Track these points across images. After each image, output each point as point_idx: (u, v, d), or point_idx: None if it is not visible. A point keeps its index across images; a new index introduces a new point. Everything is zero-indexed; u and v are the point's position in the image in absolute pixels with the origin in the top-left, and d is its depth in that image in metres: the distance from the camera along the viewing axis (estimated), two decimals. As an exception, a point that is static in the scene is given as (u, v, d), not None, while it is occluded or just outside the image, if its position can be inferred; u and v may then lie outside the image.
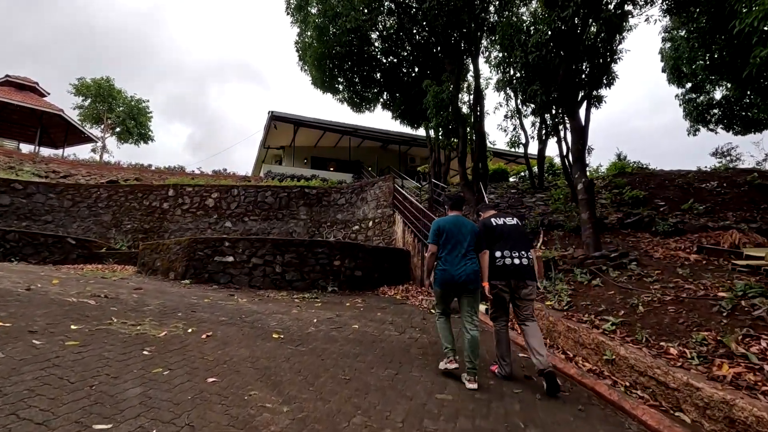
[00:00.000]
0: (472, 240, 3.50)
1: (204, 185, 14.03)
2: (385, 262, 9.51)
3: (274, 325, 4.84)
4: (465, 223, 3.61)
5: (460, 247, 3.44)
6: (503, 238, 3.65)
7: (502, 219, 3.81)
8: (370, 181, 13.49)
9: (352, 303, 7.02)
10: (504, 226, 3.72)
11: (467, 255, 3.42)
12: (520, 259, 3.55)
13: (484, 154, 11.06)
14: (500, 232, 3.68)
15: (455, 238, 3.48)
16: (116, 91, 28.03)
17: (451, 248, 3.46)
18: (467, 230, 3.53)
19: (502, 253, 3.57)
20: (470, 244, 3.48)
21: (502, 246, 3.61)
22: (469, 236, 3.50)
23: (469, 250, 3.45)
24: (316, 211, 14.01)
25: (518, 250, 3.58)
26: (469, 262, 3.40)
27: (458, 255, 3.41)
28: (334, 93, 18.84)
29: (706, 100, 19.29)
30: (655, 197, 10.84)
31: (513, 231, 3.71)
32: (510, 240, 3.63)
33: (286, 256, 8.22)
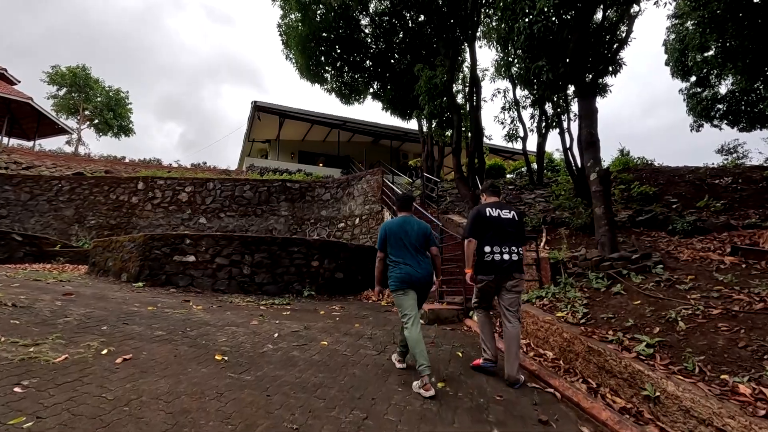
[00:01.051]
0: (421, 241, 3.44)
1: (177, 178, 13.01)
2: (370, 263, 8.59)
3: (222, 342, 3.91)
4: (413, 223, 3.51)
5: (410, 247, 3.39)
6: (494, 230, 3.49)
7: (497, 210, 3.59)
8: (357, 175, 12.57)
9: (328, 310, 6.09)
10: (498, 219, 3.53)
11: (418, 255, 3.39)
12: (510, 254, 3.46)
13: (481, 146, 10.20)
14: (492, 224, 3.51)
15: (403, 241, 3.41)
16: (93, 81, 26.75)
17: (399, 249, 3.41)
18: (414, 231, 3.46)
19: (492, 248, 3.45)
20: (420, 243, 3.43)
21: (491, 240, 3.47)
22: (416, 237, 3.43)
23: (419, 249, 3.41)
24: (299, 207, 13.05)
25: (508, 245, 3.47)
26: (422, 262, 3.39)
27: (409, 255, 3.37)
28: (322, 83, 17.90)
29: (711, 95, 18.67)
30: (666, 193, 10.04)
31: (508, 224, 3.54)
32: (502, 234, 3.49)
33: (256, 256, 7.26)
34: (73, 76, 25.60)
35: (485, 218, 3.53)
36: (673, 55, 17.66)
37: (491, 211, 3.56)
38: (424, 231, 3.51)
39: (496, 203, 3.69)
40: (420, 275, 3.33)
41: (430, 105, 10.39)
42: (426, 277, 3.37)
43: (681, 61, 17.77)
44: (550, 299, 4.93)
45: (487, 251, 3.46)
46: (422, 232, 3.49)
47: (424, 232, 3.51)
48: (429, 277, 3.40)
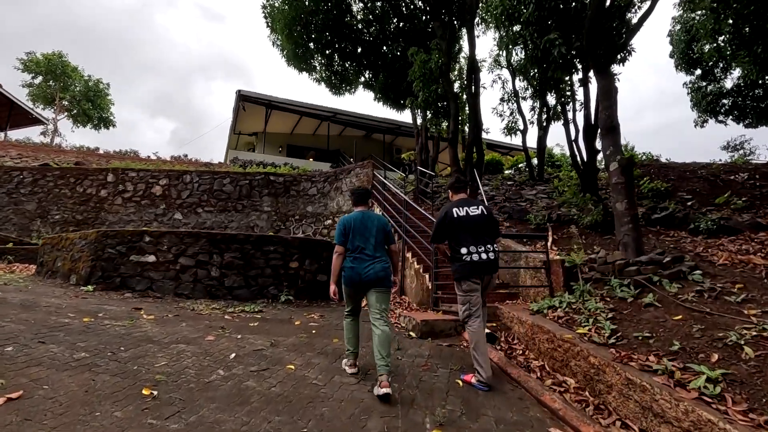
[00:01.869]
0: (381, 236, 3.37)
1: (151, 170, 12.08)
2: (357, 263, 7.78)
3: (160, 368, 3.09)
4: (372, 218, 3.43)
5: (367, 244, 3.30)
6: (465, 230, 3.44)
7: (465, 208, 3.52)
8: (345, 168, 11.75)
9: (305, 320, 5.28)
10: (467, 218, 3.47)
11: (375, 251, 3.30)
12: (487, 253, 3.39)
13: (480, 138, 9.44)
14: (463, 225, 3.45)
15: (361, 235, 3.32)
16: (71, 69, 25.56)
17: (356, 245, 3.31)
18: (374, 225, 3.37)
19: (468, 249, 3.39)
20: (378, 239, 3.35)
21: (465, 240, 3.41)
22: (376, 232, 3.35)
23: (376, 246, 3.32)
24: (283, 202, 12.21)
25: (483, 244, 3.40)
26: (378, 261, 3.27)
27: (365, 253, 3.28)
28: (310, 71, 17.08)
29: (716, 89, 18.09)
30: (678, 190, 9.37)
31: (477, 221, 3.48)
32: (473, 232, 3.43)
33: (226, 256, 6.43)
34: (48, 62, 24.41)
35: (453, 220, 3.45)
36: (679, 46, 17.05)
37: (458, 211, 3.49)
38: (383, 226, 3.41)
39: (463, 201, 3.59)
40: (376, 275, 3.21)
41: (425, 92, 9.61)
42: (383, 276, 3.23)
43: (686, 53, 17.17)
44: (566, 310, 4.18)
45: (464, 252, 3.37)
46: (382, 227, 3.39)
47: (384, 227, 3.41)
48: (387, 277, 3.26)
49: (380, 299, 3.26)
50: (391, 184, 10.80)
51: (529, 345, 4.05)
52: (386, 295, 3.30)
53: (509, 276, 6.02)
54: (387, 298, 3.31)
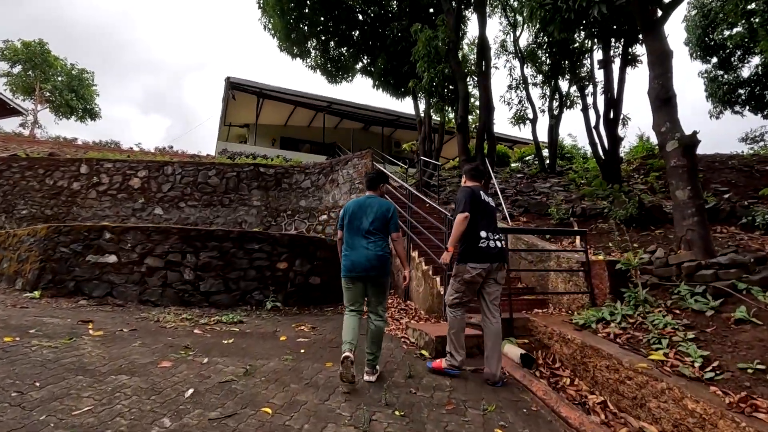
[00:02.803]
0: (379, 221, 3.07)
1: (129, 161, 11.10)
2: (355, 263, 6.90)
3: (80, 416, 2.19)
4: (373, 203, 3.16)
5: (361, 228, 3.06)
6: (485, 215, 3.26)
7: (484, 195, 3.34)
8: (342, 159, 10.84)
9: (292, 335, 4.38)
10: (486, 204, 3.32)
11: (369, 238, 3.02)
12: (498, 242, 3.25)
13: (491, 123, 8.54)
14: (484, 209, 3.27)
15: (357, 220, 3.10)
16: (53, 58, 24.42)
17: (352, 231, 3.10)
18: (374, 210, 3.10)
19: (487, 234, 3.20)
20: (375, 225, 3.06)
21: (486, 225, 3.23)
22: (375, 216, 3.08)
23: (373, 232, 3.04)
24: (274, 196, 11.27)
25: (497, 232, 3.28)
26: (372, 246, 3.01)
27: (359, 237, 3.04)
28: (304, 57, 16.11)
29: (733, 78, 17.27)
30: (711, 181, 8.53)
31: (492, 211, 3.37)
32: (491, 220, 3.30)
33: (202, 256, 5.52)
34: (28, 50, 23.26)
35: (479, 200, 3.26)
36: (695, 32, 16.21)
37: (482, 194, 3.32)
38: (384, 212, 3.12)
39: (479, 188, 3.39)
40: (369, 263, 2.97)
41: (430, 72, 8.70)
42: (377, 265, 2.98)
43: (703, 40, 16.34)
44: (623, 326, 3.31)
45: (483, 236, 3.18)
46: (382, 213, 3.11)
47: (384, 213, 3.11)
48: (381, 267, 3.00)
49: (374, 292, 3.09)
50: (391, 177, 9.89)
51: (579, 371, 3.18)
52: (381, 287, 3.09)
53: (535, 279, 5.15)
54: (382, 291, 3.10)
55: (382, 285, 3.08)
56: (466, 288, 3.21)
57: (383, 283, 3.08)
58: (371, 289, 3.08)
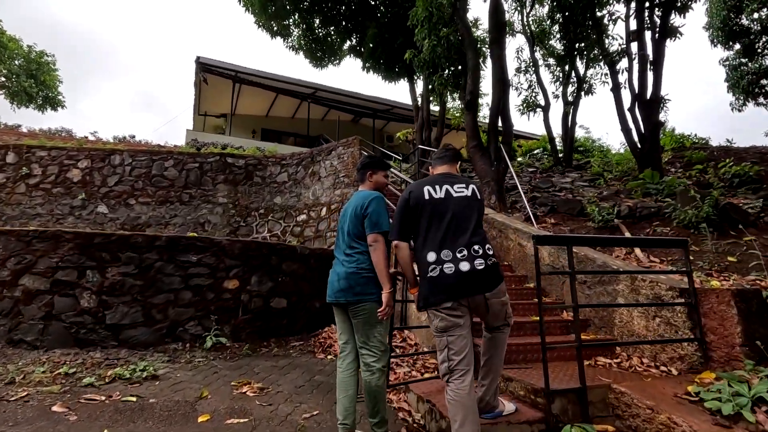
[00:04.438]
0: (353, 223, 2.27)
1: (67, 148, 9.36)
2: (336, 278, 5.31)
3: None
4: (354, 199, 2.36)
5: (341, 239, 2.36)
6: (437, 221, 2.11)
7: (444, 187, 2.19)
8: (325, 148, 9.24)
9: (225, 406, 2.75)
10: (442, 202, 2.14)
11: (347, 249, 2.27)
12: (473, 259, 2.01)
13: (506, 102, 7.01)
14: (435, 212, 2.12)
15: (340, 228, 2.41)
16: (7, 39, 22.34)
17: (336, 242, 2.41)
18: (350, 210, 2.33)
19: (438, 256, 2.04)
20: (352, 229, 2.28)
21: (433, 240, 2.08)
22: (349, 218, 2.30)
23: (352, 241, 2.26)
24: (244, 191, 9.63)
25: (467, 245, 2.03)
26: (347, 260, 2.24)
27: (341, 249, 2.33)
28: (285, 36, 14.49)
29: (756, 68, 16.01)
30: (773, 175, 7.11)
31: (461, 208, 2.13)
32: (452, 225, 2.09)
33: (110, 273, 3.90)
34: (-22, 29, 21.15)
35: (420, 203, 2.14)
36: (719, 14, 14.92)
37: (431, 190, 2.16)
38: (357, 208, 2.25)
39: (443, 176, 2.26)
40: (337, 284, 2.22)
41: (431, 39, 7.14)
42: (345, 287, 2.17)
43: (726, 24, 15.07)
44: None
45: (431, 260, 2.04)
46: (355, 211, 2.26)
47: (357, 209, 2.25)
48: (351, 289, 2.15)
49: (359, 326, 2.19)
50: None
51: None
52: (361, 318, 2.16)
53: (593, 312, 3.61)
54: (362, 324, 2.17)
55: (361, 315, 2.17)
56: (448, 341, 2.03)
57: (361, 312, 2.16)
58: (352, 321, 2.25)
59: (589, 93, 10.91)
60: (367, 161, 2.46)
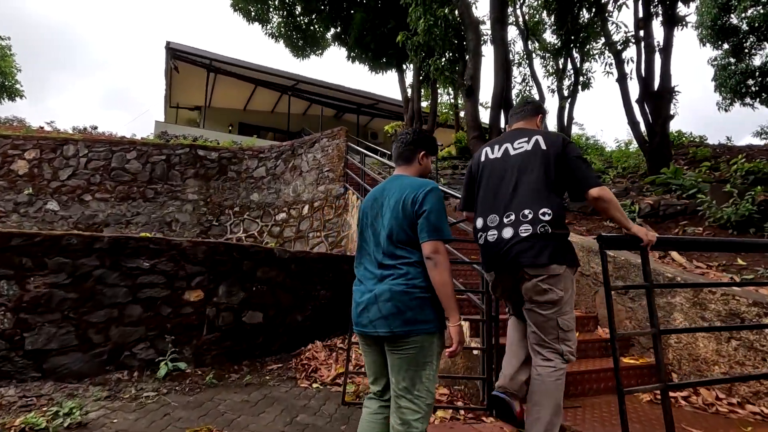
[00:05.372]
0: (397, 223, 1.60)
1: (12, 137, 8.29)
2: (320, 285, 4.61)
3: None
4: (392, 188, 1.69)
5: (371, 243, 1.69)
6: (486, 186, 1.97)
7: (505, 145, 1.98)
8: (307, 140, 8.47)
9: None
10: (497, 162, 1.97)
11: (384, 260, 1.61)
12: (518, 226, 1.81)
13: (509, 88, 6.43)
14: (486, 175, 1.99)
15: (368, 228, 1.73)
16: (-42, 21, 20.57)
17: (362, 249, 1.75)
18: (390, 204, 1.65)
19: (484, 222, 1.93)
20: (393, 231, 1.61)
21: (482, 204, 1.97)
22: (391, 215, 1.62)
23: (391, 248, 1.60)
24: (217, 187, 8.76)
25: (516, 209, 1.83)
26: (389, 276, 1.57)
27: (369, 259, 1.68)
28: (263, 22, 13.65)
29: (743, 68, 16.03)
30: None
31: (512, 169, 1.90)
32: (501, 188, 1.90)
33: (33, 284, 3.07)
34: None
35: (475, 171, 2.04)
36: (710, 12, 14.83)
37: (489, 151, 2.02)
38: (404, 202, 1.60)
39: (512, 133, 2.01)
40: (374, 310, 1.55)
41: (427, 18, 6.48)
42: (388, 314, 1.52)
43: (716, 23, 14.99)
44: None
45: (479, 227, 1.98)
46: (402, 205, 1.60)
47: (404, 204, 1.59)
48: (397, 315, 1.51)
49: (393, 365, 1.56)
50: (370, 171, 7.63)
51: None
52: (412, 355, 1.51)
53: (633, 324, 2.99)
54: (406, 363, 1.52)
55: (409, 351, 1.52)
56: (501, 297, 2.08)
57: (410, 346, 1.52)
58: (390, 358, 1.58)
59: (586, 87, 10.46)
60: (422, 137, 1.83)
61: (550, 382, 1.79)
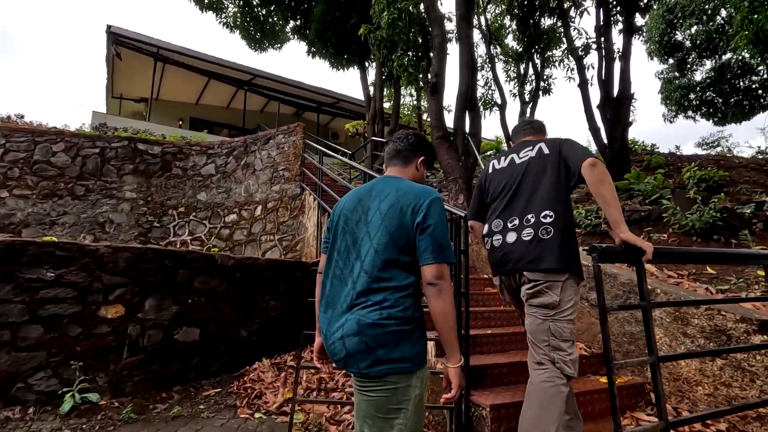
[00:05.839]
0: (388, 236, 1.29)
1: None
2: (270, 295, 4.14)
3: None
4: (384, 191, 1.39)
5: (350, 258, 1.36)
6: (493, 194, 1.95)
7: (511, 155, 1.97)
8: (261, 136, 7.91)
9: None
10: (503, 171, 1.94)
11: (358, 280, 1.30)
12: (521, 230, 1.77)
13: (474, 87, 6.24)
14: (494, 185, 1.96)
15: (347, 236, 1.40)
16: None
17: (332, 259, 1.43)
18: (380, 210, 1.34)
19: (489, 227, 1.93)
20: (380, 247, 1.29)
21: (490, 212, 1.97)
22: (381, 225, 1.32)
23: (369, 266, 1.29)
24: (159, 185, 7.98)
25: (520, 215, 1.80)
26: (364, 305, 1.27)
27: (342, 279, 1.36)
28: (218, 11, 12.86)
29: (686, 82, 17.05)
30: (736, 182, 7.02)
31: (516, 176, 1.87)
32: (505, 195, 1.88)
33: None
34: None
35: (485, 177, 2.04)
36: (658, 27, 15.62)
37: (495, 163, 2.02)
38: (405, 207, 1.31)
39: (519, 145, 1.98)
40: (342, 343, 1.27)
41: (391, 11, 6.17)
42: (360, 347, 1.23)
43: (663, 38, 15.80)
44: None
45: (484, 233, 1.96)
46: (401, 211, 1.30)
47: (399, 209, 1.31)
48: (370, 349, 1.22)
49: (362, 410, 1.28)
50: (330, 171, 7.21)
51: None
52: (382, 399, 1.23)
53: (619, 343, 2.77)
54: (377, 408, 1.23)
55: (378, 393, 1.23)
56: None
57: (380, 388, 1.23)
58: (356, 396, 1.32)
59: (547, 92, 10.58)
60: (425, 141, 1.63)
61: (543, 389, 1.65)
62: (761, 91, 15.88)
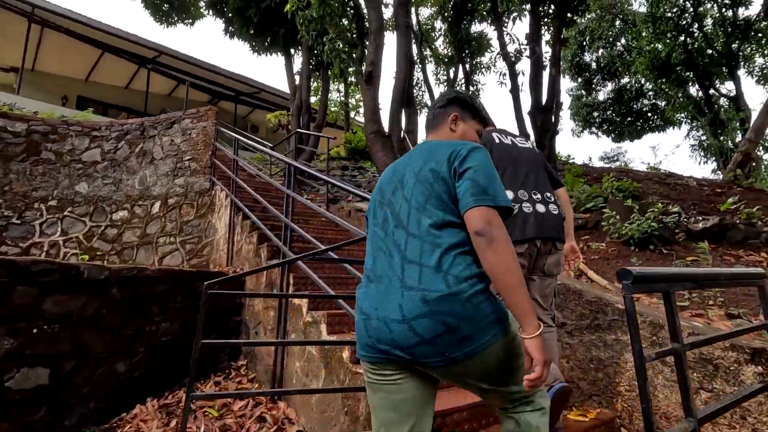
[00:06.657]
0: (425, 192, 1.16)
1: None
2: (163, 314, 3.25)
3: None
4: (422, 153, 1.26)
5: (388, 226, 1.21)
6: (510, 165, 1.99)
7: (509, 137, 2.14)
8: (163, 119, 6.73)
9: None
10: (513, 148, 2.06)
11: (406, 247, 1.12)
12: (546, 204, 1.97)
13: (411, 81, 5.86)
14: (504, 155, 2.02)
15: (386, 206, 1.25)
16: None
17: (377, 240, 1.23)
18: (417, 169, 1.21)
19: (515, 195, 1.93)
20: (417, 207, 1.15)
21: (509, 180, 1.94)
22: (415, 182, 1.19)
23: (414, 228, 1.13)
24: (22, 171, 6.39)
25: (541, 191, 2.00)
26: (413, 276, 1.08)
27: (386, 250, 1.17)
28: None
29: (592, 101, 18.74)
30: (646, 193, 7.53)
31: (530, 158, 2.09)
32: (523, 169, 2.00)
33: None
34: None
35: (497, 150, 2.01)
36: (571, 47, 16.86)
37: (501, 137, 2.10)
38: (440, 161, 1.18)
39: (500, 130, 2.18)
40: (402, 328, 1.04)
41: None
42: (439, 330, 1.02)
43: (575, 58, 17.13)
44: None
45: (511, 198, 1.83)
46: (436, 168, 1.17)
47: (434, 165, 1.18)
48: (453, 330, 1.02)
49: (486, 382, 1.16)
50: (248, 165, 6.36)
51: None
52: (493, 367, 1.11)
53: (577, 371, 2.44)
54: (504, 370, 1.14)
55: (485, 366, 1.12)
56: None
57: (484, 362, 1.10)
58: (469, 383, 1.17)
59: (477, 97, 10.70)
60: (456, 95, 1.43)
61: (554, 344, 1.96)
62: (650, 114, 18.02)
